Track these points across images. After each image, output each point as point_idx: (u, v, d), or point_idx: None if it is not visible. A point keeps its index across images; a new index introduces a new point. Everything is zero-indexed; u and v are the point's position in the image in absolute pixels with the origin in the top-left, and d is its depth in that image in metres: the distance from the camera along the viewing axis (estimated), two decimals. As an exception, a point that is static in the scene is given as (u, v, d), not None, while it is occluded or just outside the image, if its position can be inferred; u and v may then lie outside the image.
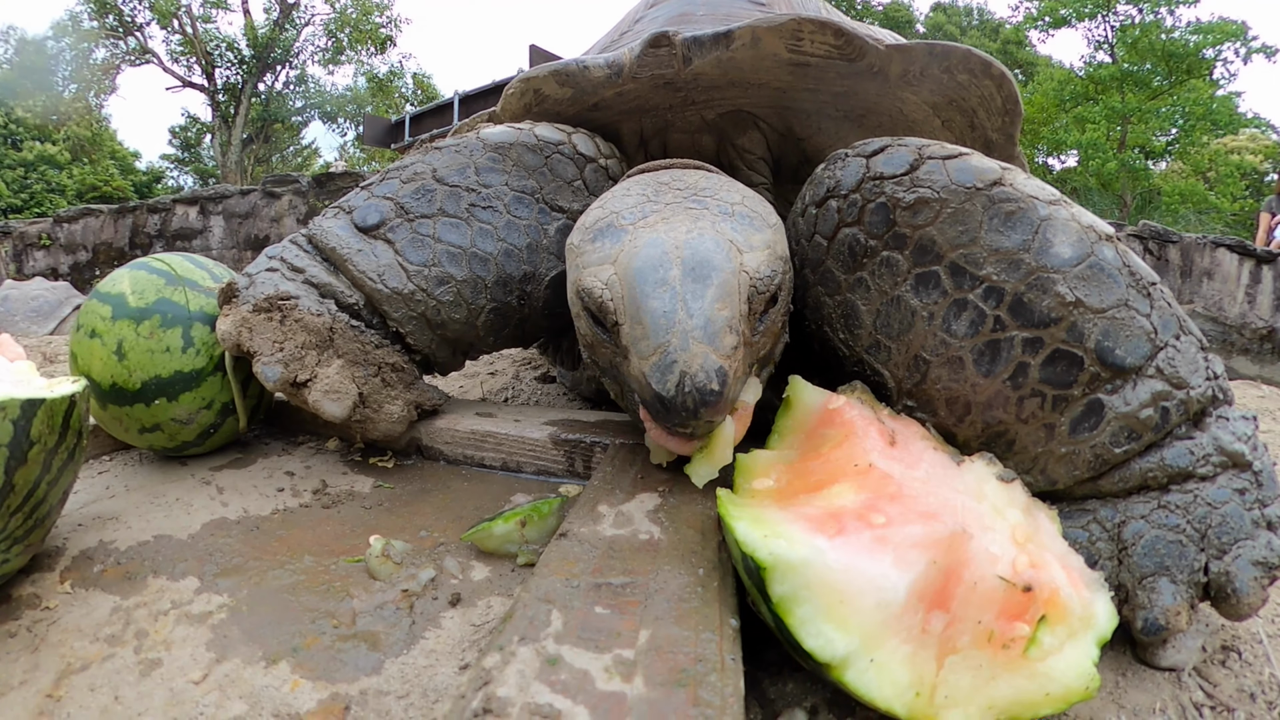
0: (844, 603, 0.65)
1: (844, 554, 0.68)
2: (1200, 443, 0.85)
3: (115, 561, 0.92)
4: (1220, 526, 0.82)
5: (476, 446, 1.20)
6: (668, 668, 0.53)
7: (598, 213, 1.04)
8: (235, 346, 1.11)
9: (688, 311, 0.84)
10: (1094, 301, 0.86)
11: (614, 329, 0.91)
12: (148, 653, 0.74)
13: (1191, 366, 0.86)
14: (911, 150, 0.99)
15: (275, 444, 1.35)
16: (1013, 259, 0.89)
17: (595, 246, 0.98)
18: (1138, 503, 0.86)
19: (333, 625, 0.78)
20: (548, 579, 0.65)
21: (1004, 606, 0.69)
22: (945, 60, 1.32)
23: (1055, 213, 0.89)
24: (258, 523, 1.04)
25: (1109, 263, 0.87)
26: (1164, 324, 0.87)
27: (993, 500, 0.82)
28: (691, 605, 0.63)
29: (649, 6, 1.71)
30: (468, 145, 1.26)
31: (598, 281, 0.92)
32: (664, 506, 0.86)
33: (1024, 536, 0.77)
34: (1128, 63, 17.29)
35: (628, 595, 0.63)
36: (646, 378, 0.83)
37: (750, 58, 1.29)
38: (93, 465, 1.26)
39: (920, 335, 0.94)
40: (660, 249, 0.89)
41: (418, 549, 0.94)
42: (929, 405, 0.95)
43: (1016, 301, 0.88)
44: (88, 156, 18.15)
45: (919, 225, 0.94)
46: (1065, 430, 0.87)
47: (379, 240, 1.19)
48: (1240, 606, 0.79)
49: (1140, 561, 0.83)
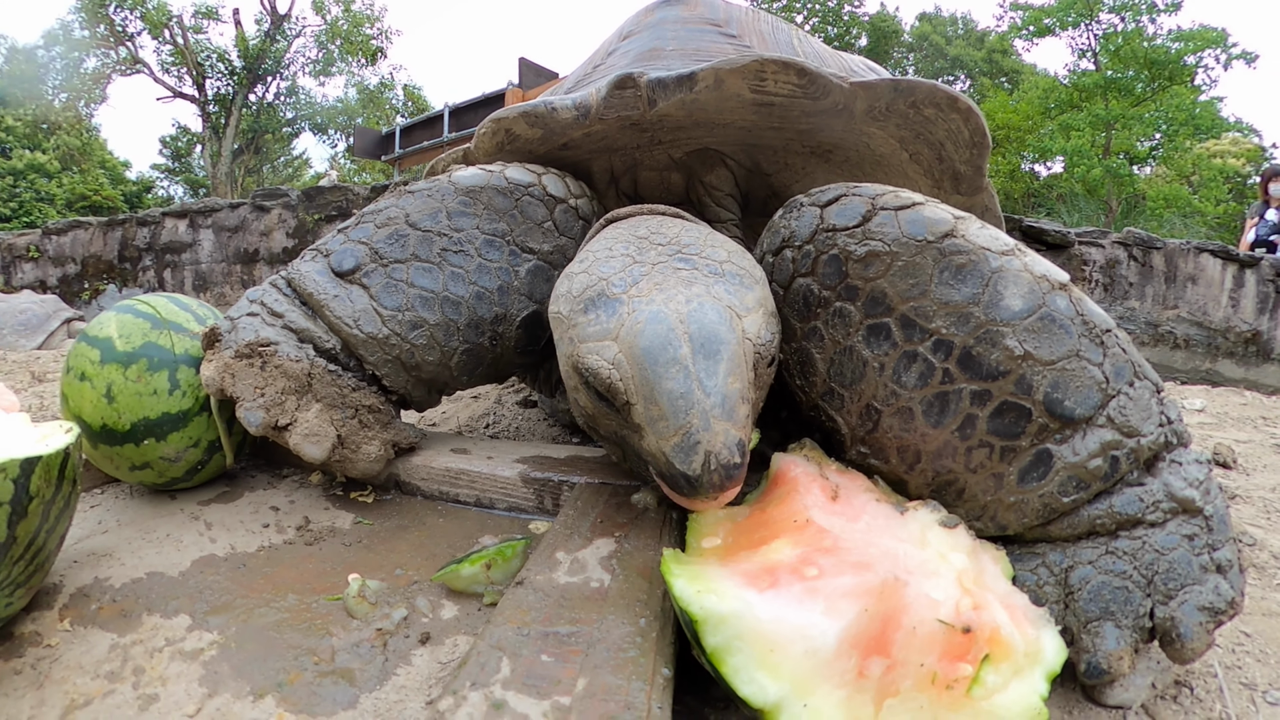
0: (774, 651, 0.68)
1: (774, 606, 0.71)
2: (1151, 489, 0.86)
3: (111, 599, 0.96)
4: (1167, 573, 0.83)
5: (451, 483, 1.24)
6: (599, 714, 0.57)
7: (583, 279, 1.01)
8: (219, 391, 1.16)
9: (704, 390, 0.84)
10: (1044, 354, 0.86)
11: (625, 408, 0.89)
12: (145, 688, 0.79)
13: (1144, 414, 0.86)
14: (865, 201, 1.00)
15: (261, 477, 1.39)
16: (962, 312, 0.90)
17: (590, 319, 0.95)
18: (1086, 548, 0.87)
19: (314, 662, 0.83)
20: (501, 627, 0.69)
21: (946, 648, 0.71)
22: (910, 95, 1.33)
23: (1007, 264, 0.90)
24: (244, 560, 1.08)
25: (1061, 313, 0.88)
26: (1117, 371, 0.87)
27: (936, 546, 0.84)
28: (629, 655, 0.67)
29: (622, 38, 1.72)
30: (440, 189, 1.30)
31: (602, 361, 0.90)
32: (618, 553, 0.89)
33: (970, 580, 0.79)
34: (1111, 70, 17.51)
35: (572, 644, 0.68)
36: (669, 457, 0.83)
37: (714, 99, 1.30)
38: (85, 499, 1.30)
39: (872, 385, 0.95)
40: (666, 325, 0.88)
41: (393, 587, 0.99)
42: (881, 453, 0.96)
43: (965, 355, 0.89)
44: (78, 166, 18.07)
45: (870, 278, 0.95)
46: (1013, 480, 0.88)
47: (355, 285, 1.23)
48: (1185, 651, 0.80)
49: (1085, 606, 0.84)
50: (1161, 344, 5.21)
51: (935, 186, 1.55)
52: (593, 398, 0.95)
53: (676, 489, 0.87)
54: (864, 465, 1.00)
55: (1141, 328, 5.20)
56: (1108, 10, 18.08)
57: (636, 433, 0.90)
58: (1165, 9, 17.60)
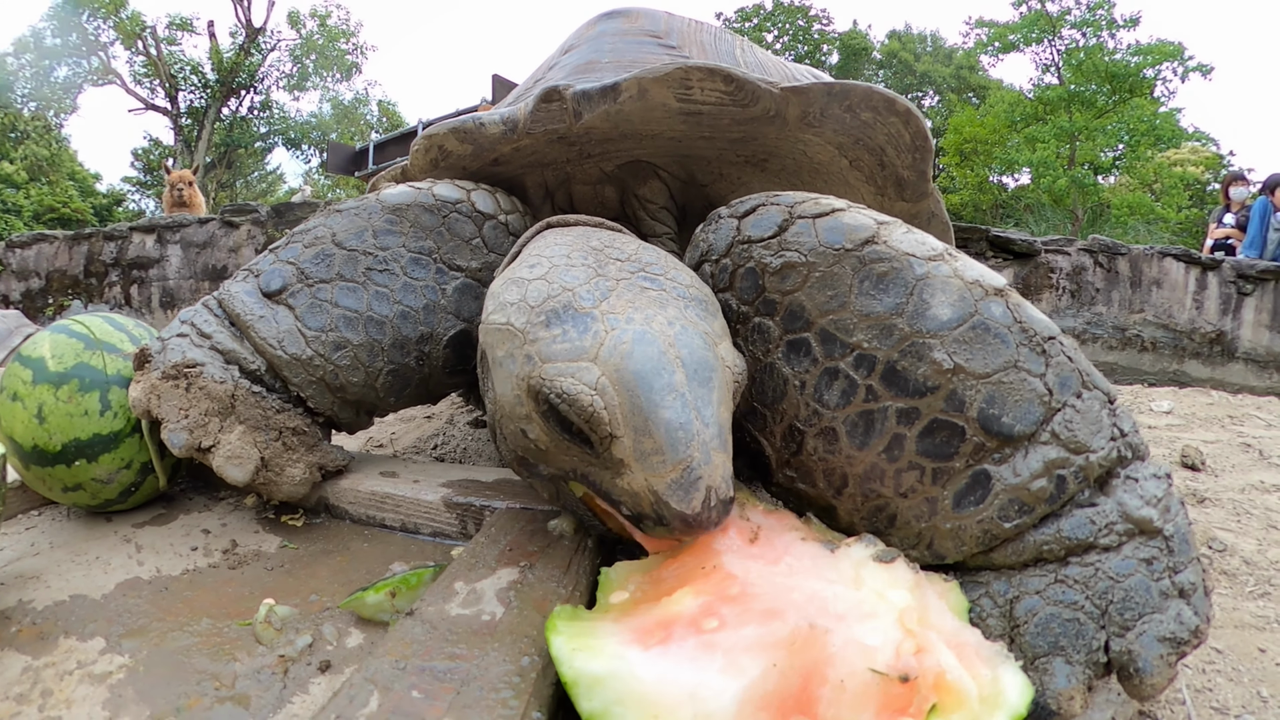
0: (659, 717, 0.60)
1: (660, 665, 0.63)
2: (1103, 510, 0.78)
3: (31, 622, 0.96)
4: (1124, 601, 0.75)
5: (377, 507, 1.22)
6: None
7: (542, 286, 0.88)
8: (145, 413, 1.15)
9: (703, 420, 0.77)
10: (977, 366, 0.80)
11: (605, 441, 0.78)
12: (50, 711, 0.79)
13: (1093, 428, 0.79)
14: (782, 210, 0.95)
15: (198, 499, 1.38)
16: (885, 324, 0.84)
17: (554, 334, 0.82)
18: (1033, 576, 0.79)
19: (215, 687, 0.83)
20: (381, 659, 0.67)
21: (884, 703, 0.62)
22: (845, 99, 1.27)
23: (934, 270, 0.84)
24: (167, 583, 1.08)
25: (996, 321, 0.81)
26: (1062, 382, 0.80)
27: (873, 585, 0.75)
28: (501, 695, 0.63)
29: (563, 53, 1.70)
30: (366, 207, 1.30)
31: (581, 386, 0.77)
32: (519, 583, 0.86)
33: (914, 619, 0.71)
34: (1074, 84, 18.02)
35: (446, 680, 0.64)
36: (661, 496, 0.75)
37: (639, 109, 1.27)
38: (20, 521, 1.29)
39: (793, 404, 0.90)
40: (656, 347, 0.79)
41: (304, 614, 0.98)
42: (808, 477, 0.90)
43: (889, 370, 0.83)
44: (46, 177, 17.69)
45: (787, 291, 0.91)
46: (949, 504, 0.81)
47: (281, 305, 1.22)
48: (1144, 687, 0.73)
49: (1033, 641, 0.76)
50: (1129, 347, 5.31)
51: (879, 194, 1.51)
52: (553, 429, 0.83)
53: (662, 526, 0.77)
54: (792, 490, 0.95)
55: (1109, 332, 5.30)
56: (1069, 26, 18.66)
57: (611, 470, 0.79)
58: (1124, 25, 18.23)
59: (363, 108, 23.63)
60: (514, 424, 0.89)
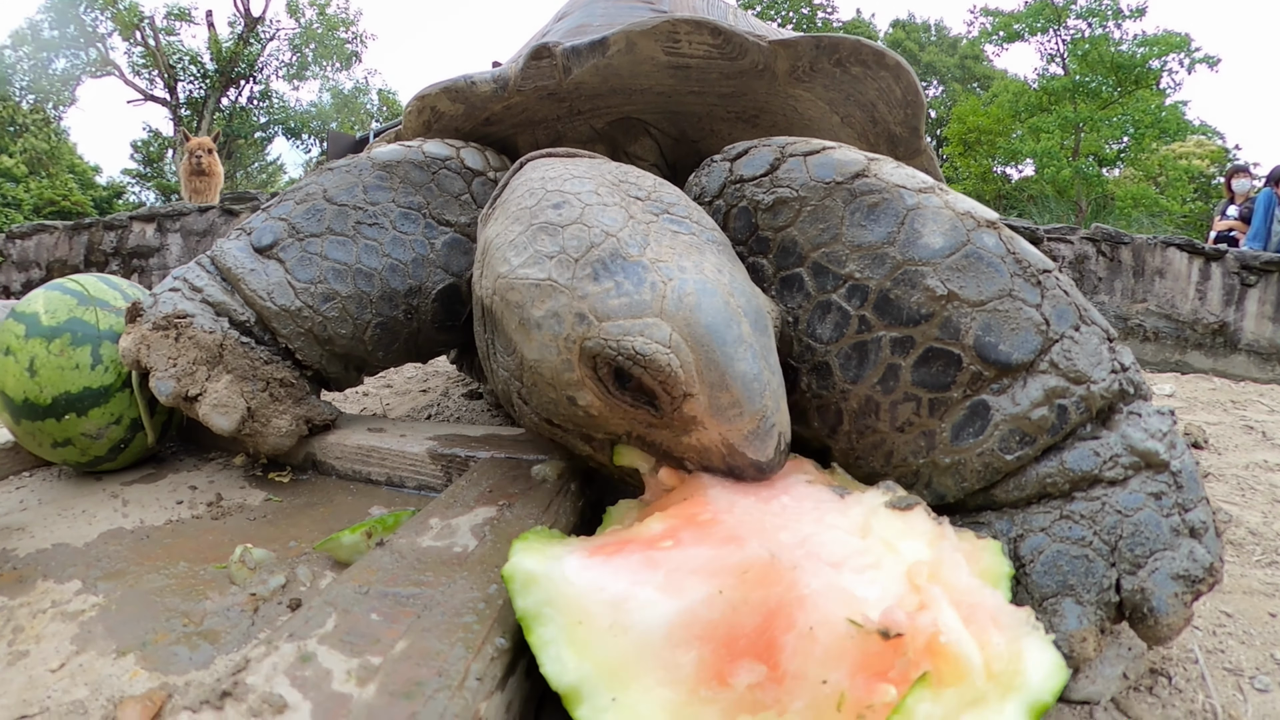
0: (582, 624, 0.56)
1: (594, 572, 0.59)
2: (1108, 443, 0.75)
3: (12, 567, 0.97)
4: (1133, 537, 0.71)
5: (363, 461, 1.22)
6: (406, 679, 0.53)
7: (579, 232, 0.80)
8: (135, 363, 1.16)
9: (770, 369, 0.75)
10: (971, 293, 0.78)
11: (678, 400, 0.73)
12: (19, 645, 0.80)
13: (1093, 359, 0.77)
14: (774, 150, 0.94)
15: (188, 460, 1.39)
16: (876, 253, 0.82)
17: (607, 288, 0.75)
18: (1037, 514, 0.76)
19: (183, 624, 0.84)
20: (344, 585, 0.66)
21: (862, 662, 0.53)
22: (834, 53, 1.26)
23: (925, 201, 0.83)
24: (149, 532, 1.09)
25: (989, 250, 0.79)
26: (1059, 314, 0.78)
27: (882, 534, 0.68)
28: (464, 620, 0.61)
29: (556, 20, 1.71)
30: (357, 165, 1.30)
31: (656, 345, 0.72)
32: (496, 520, 0.84)
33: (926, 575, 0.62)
34: (1079, 74, 17.90)
35: (408, 605, 0.63)
36: (738, 448, 0.73)
37: (627, 63, 1.27)
38: (12, 481, 1.31)
39: (786, 342, 0.89)
40: (720, 299, 0.75)
41: (281, 558, 0.98)
42: (802, 416, 0.89)
43: (882, 299, 0.82)
44: (45, 170, 17.69)
45: (780, 227, 0.90)
46: (947, 437, 0.79)
47: (271, 260, 1.23)
48: (1159, 628, 0.69)
49: (1040, 581, 0.72)
50: (1132, 337, 5.28)
51: (870, 151, 1.52)
52: (614, 394, 0.76)
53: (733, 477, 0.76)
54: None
55: (1112, 321, 5.28)
56: (1075, 16, 18.52)
57: (678, 428, 0.75)
58: (1130, 15, 18.08)
59: (363, 97, 23.57)
60: (556, 391, 0.81)
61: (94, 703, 0.69)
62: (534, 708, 0.65)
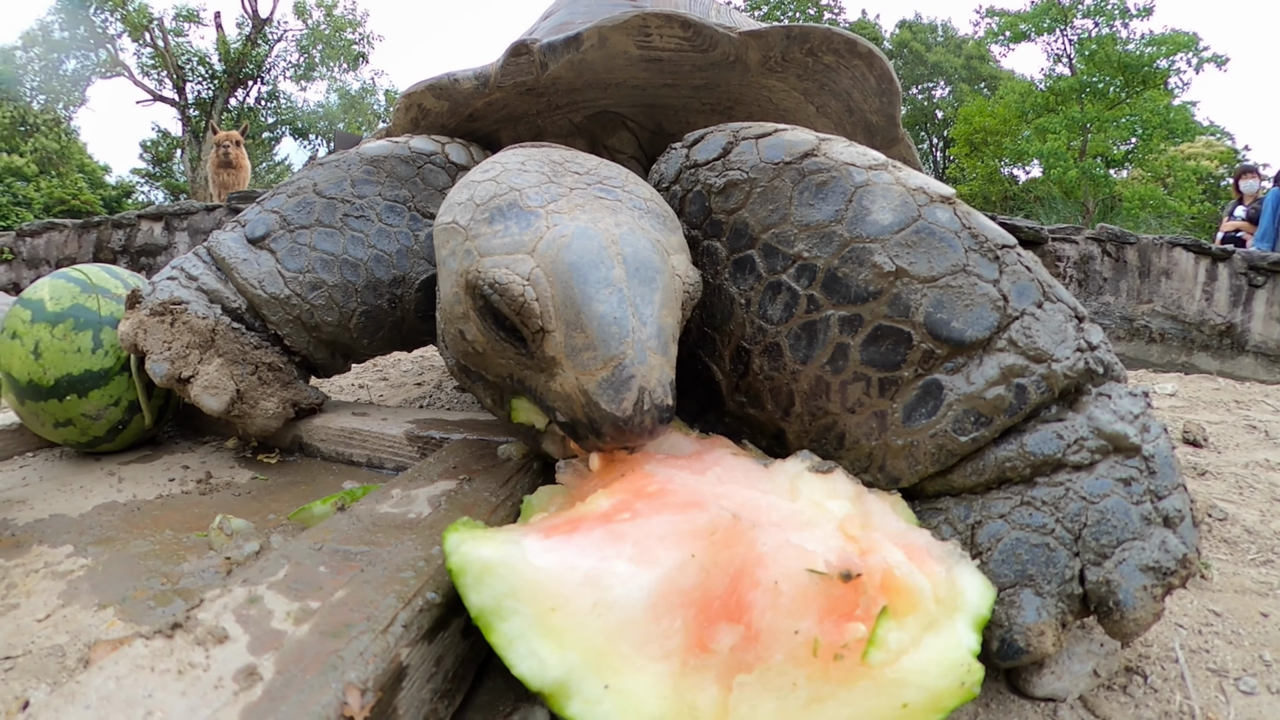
0: (557, 610, 0.52)
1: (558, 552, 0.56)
2: (1073, 425, 0.71)
3: (10, 534, 1.04)
4: (1099, 525, 0.67)
5: (346, 443, 1.27)
6: (338, 621, 0.56)
7: (489, 186, 0.86)
8: (132, 346, 1.22)
9: (640, 318, 0.73)
10: (921, 269, 0.76)
11: (536, 336, 0.75)
12: (11, 599, 0.86)
13: (1056, 336, 0.73)
14: (728, 134, 0.95)
15: (184, 443, 1.46)
16: (824, 232, 0.82)
17: (496, 229, 0.80)
18: (997, 500, 0.73)
19: (161, 583, 0.90)
20: (301, 542, 0.71)
21: (827, 607, 0.55)
22: (805, 42, 1.27)
23: (874, 177, 0.82)
24: (140, 505, 1.16)
25: (941, 225, 0.77)
26: (1019, 291, 0.75)
27: (809, 496, 0.71)
28: (402, 575, 0.64)
29: (542, 18, 1.73)
30: (346, 160, 1.35)
31: (514, 275, 0.75)
32: (454, 492, 0.87)
33: (856, 526, 0.64)
34: (1086, 74, 17.84)
35: (354, 560, 0.66)
36: (592, 396, 0.71)
37: (601, 57, 1.30)
38: (15, 461, 1.39)
39: (739, 324, 0.89)
40: (596, 242, 0.76)
41: (259, 527, 1.04)
42: (756, 399, 0.89)
43: (830, 277, 0.81)
44: (56, 169, 17.89)
45: (732, 209, 0.90)
46: (899, 418, 0.77)
47: (263, 250, 1.29)
48: (1125, 623, 0.65)
49: (998, 570, 0.69)
50: (1137, 338, 5.25)
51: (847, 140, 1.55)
52: (489, 327, 0.80)
53: (594, 434, 0.73)
54: (744, 416, 0.94)
55: (1117, 322, 5.26)
56: (1081, 16, 18.43)
57: (545, 371, 0.77)
58: (1137, 14, 17.99)
59: (369, 97, 23.73)
60: (454, 325, 0.87)
61: (72, 647, 0.76)
62: (473, 670, 0.68)
